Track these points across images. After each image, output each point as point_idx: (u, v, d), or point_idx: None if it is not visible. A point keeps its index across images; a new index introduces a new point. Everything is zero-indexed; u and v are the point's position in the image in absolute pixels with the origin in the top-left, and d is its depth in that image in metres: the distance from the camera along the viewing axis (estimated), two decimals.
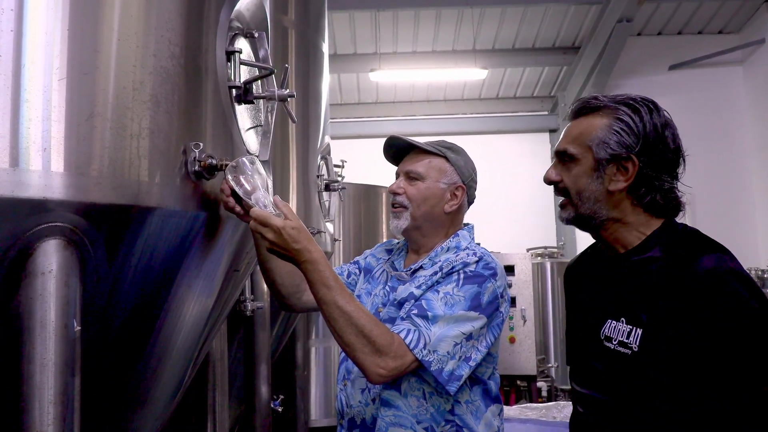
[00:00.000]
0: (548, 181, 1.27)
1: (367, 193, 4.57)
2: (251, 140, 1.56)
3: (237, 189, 1.23)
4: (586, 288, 1.33)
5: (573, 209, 1.25)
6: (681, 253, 1.15)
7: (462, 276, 1.43)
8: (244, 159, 1.22)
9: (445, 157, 1.56)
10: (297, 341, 3.72)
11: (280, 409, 3.07)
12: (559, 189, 1.26)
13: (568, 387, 5.79)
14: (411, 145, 1.58)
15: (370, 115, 9.46)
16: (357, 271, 1.68)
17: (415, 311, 1.39)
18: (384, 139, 1.60)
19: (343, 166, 3.32)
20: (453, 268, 1.45)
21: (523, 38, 8.23)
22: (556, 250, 6.90)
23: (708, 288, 1.08)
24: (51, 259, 0.98)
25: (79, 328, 1.01)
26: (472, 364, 1.40)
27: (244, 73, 1.49)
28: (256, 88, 1.53)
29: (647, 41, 8.39)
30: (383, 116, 9.37)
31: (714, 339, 1.07)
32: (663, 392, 1.11)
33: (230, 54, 1.36)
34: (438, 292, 1.42)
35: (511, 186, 8.94)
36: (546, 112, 9.69)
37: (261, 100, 1.56)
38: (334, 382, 4.01)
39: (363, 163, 4.92)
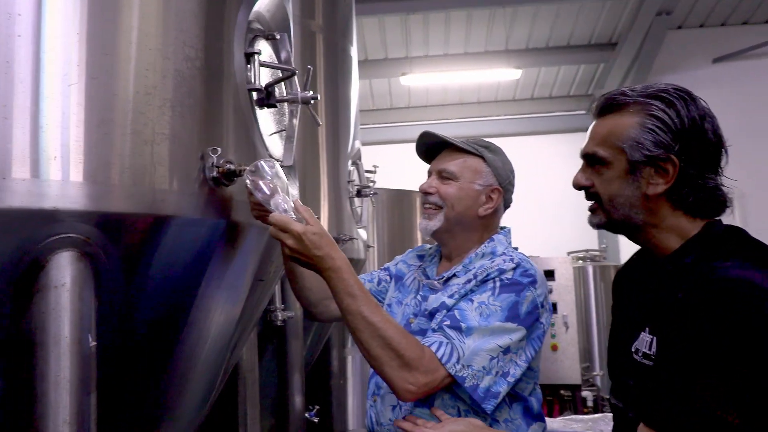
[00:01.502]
0: (578, 186, 1.17)
1: (401, 198, 4.50)
2: (275, 145, 1.51)
3: (256, 193, 1.17)
4: (627, 296, 1.23)
5: (604, 215, 1.14)
6: (706, 258, 1.04)
7: (498, 284, 1.33)
8: (262, 162, 1.17)
9: (482, 157, 1.46)
10: (332, 350, 3.67)
11: (315, 420, 3.02)
12: (589, 194, 1.16)
13: None
14: (445, 142, 1.49)
15: (402, 120, 9.41)
16: (388, 277, 1.59)
17: (447, 322, 1.31)
18: (411, 142, 1.52)
19: (375, 172, 3.26)
20: (488, 275, 1.35)
21: (558, 36, 8.04)
22: (598, 253, 6.68)
23: (712, 298, 0.96)
24: (64, 271, 0.94)
25: (94, 343, 0.97)
26: (511, 380, 1.30)
27: (267, 77, 1.44)
28: (279, 91, 1.49)
29: (689, 34, 8.08)
30: (416, 120, 9.31)
31: (709, 352, 0.95)
32: (676, 408, 0.99)
33: (249, 56, 1.31)
34: (472, 301, 1.33)
35: (549, 188, 8.73)
36: (583, 112, 9.45)
37: (285, 104, 1.52)
38: None
39: (396, 168, 4.87)
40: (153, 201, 1.03)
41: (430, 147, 1.51)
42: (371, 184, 2.96)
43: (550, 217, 8.66)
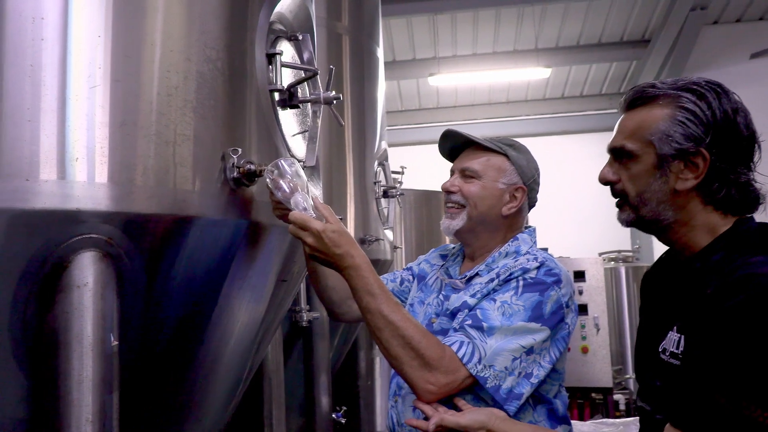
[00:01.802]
0: (604, 181, 1.14)
1: (428, 199, 4.48)
2: (298, 146, 1.51)
3: (275, 192, 1.17)
4: (655, 297, 1.19)
5: (632, 212, 1.11)
6: (735, 254, 1.00)
7: (521, 283, 1.31)
8: (282, 161, 1.17)
9: (506, 155, 1.43)
10: (359, 351, 3.67)
11: (342, 421, 3.01)
12: (616, 190, 1.13)
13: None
14: (468, 141, 1.46)
15: (431, 120, 9.38)
16: (410, 277, 1.58)
17: (469, 322, 1.28)
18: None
19: (402, 173, 3.25)
20: (511, 274, 1.32)
21: (589, 34, 7.90)
22: (630, 254, 6.53)
23: (741, 294, 0.92)
24: (86, 272, 0.95)
25: (116, 342, 0.98)
26: (534, 381, 1.27)
27: (289, 78, 1.44)
28: (302, 92, 1.48)
29: (725, 29, 7.84)
30: (444, 121, 9.26)
31: (738, 349, 0.91)
32: (704, 407, 0.94)
33: (271, 57, 1.32)
34: (494, 300, 1.30)
35: (581, 188, 8.58)
36: (615, 110, 9.23)
37: (308, 105, 1.52)
38: None
39: (425, 169, 4.85)
40: (174, 201, 1.04)
41: (454, 146, 1.49)
42: (398, 185, 2.94)
43: (581, 218, 8.51)
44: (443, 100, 9.39)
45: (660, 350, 1.08)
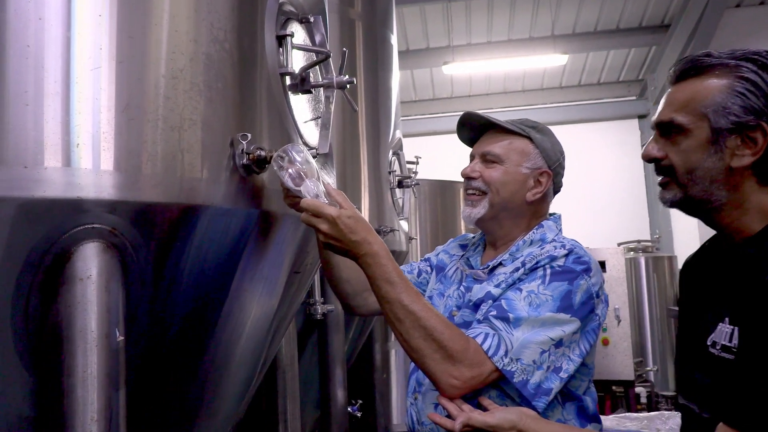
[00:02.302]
0: (648, 158, 1.06)
1: (443, 189, 4.42)
2: (310, 133, 1.45)
3: (285, 180, 1.12)
4: (700, 287, 1.11)
5: (680, 191, 1.03)
6: None
7: (549, 272, 1.23)
8: (289, 147, 1.11)
9: (529, 138, 1.35)
10: (375, 344, 3.63)
11: (358, 414, 2.98)
12: (662, 167, 1.05)
13: (671, 393, 5.30)
14: (489, 123, 1.38)
15: (445, 110, 9.28)
16: (428, 269, 1.50)
17: (493, 312, 1.21)
18: (455, 133, 1.42)
19: (417, 163, 3.20)
20: (538, 262, 1.25)
21: (606, 19, 7.73)
22: (650, 243, 6.41)
23: None
24: (90, 263, 0.91)
25: (122, 338, 0.93)
26: (563, 375, 1.19)
27: (301, 62, 1.39)
28: (314, 77, 1.43)
29: (748, 13, 7.61)
30: (459, 111, 9.13)
31: None
32: (762, 409, 0.87)
33: (281, 39, 1.26)
34: (520, 290, 1.22)
35: (598, 177, 8.46)
36: (634, 97, 9.09)
37: (320, 90, 1.46)
38: None
39: (441, 159, 4.78)
40: (181, 190, 0.99)
41: (474, 129, 1.41)
42: (413, 175, 2.88)
43: (598, 207, 8.38)
44: (457, 89, 9.27)
45: (708, 344, 1.00)
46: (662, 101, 1.07)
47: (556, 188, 1.40)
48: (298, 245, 1.42)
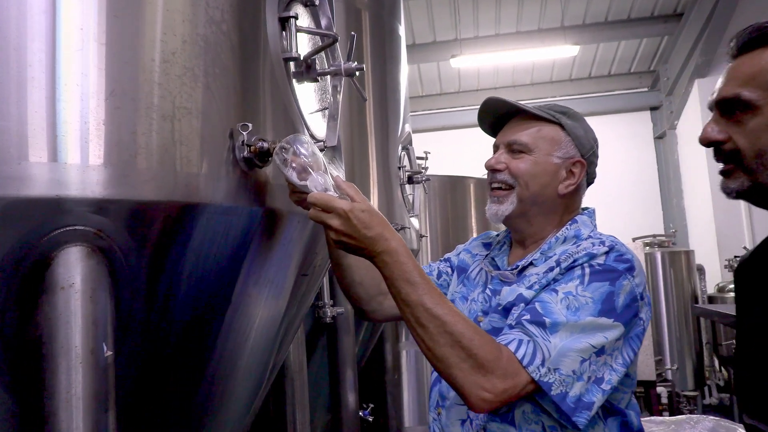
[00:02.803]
0: (707, 141, 0.93)
1: (453, 185, 4.30)
2: (317, 125, 1.35)
3: (288, 173, 1.00)
4: (762, 291, 0.99)
5: (748, 178, 0.90)
6: None
7: (588, 271, 1.10)
8: (293, 138, 1.00)
9: (560, 124, 1.23)
10: (385, 344, 3.53)
11: (370, 419, 2.89)
12: (724, 152, 0.93)
13: (691, 392, 5.13)
14: (515, 109, 1.26)
15: (452, 105, 9.16)
16: (449, 270, 1.37)
17: (527, 317, 1.08)
18: (466, 128, 1.32)
19: (426, 158, 3.09)
20: (575, 261, 1.12)
21: (617, 9, 7.57)
22: (665, 238, 6.26)
23: None
24: (73, 270, 0.81)
25: (110, 353, 0.83)
26: (606, 387, 1.06)
27: (306, 48, 1.29)
28: (321, 65, 1.33)
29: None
30: (466, 105, 9.03)
31: None
32: None
33: (284, 21, 1.15)
34: (556, 292, 1.09)
35: (610, 171, 8.30)
36: (645, 89, 8.94)
37: (328, 80, 1.37)
38: (426, 387, 3.79)
39: (448, 156, 4.67)
40: (176, 186, 0.89)
41: (496, 117, 1.29)
42: (423, 170, 2.78)
43: (609, 201, 8.23)
44: (465, 83, 9.14)
45: None
46: (722, 77, 0.95)
47: (590, 179, 1.27)
48: (306, 245, 1.32)
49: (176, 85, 0.89)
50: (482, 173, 1.42)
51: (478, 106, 1.34)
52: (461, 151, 8.09)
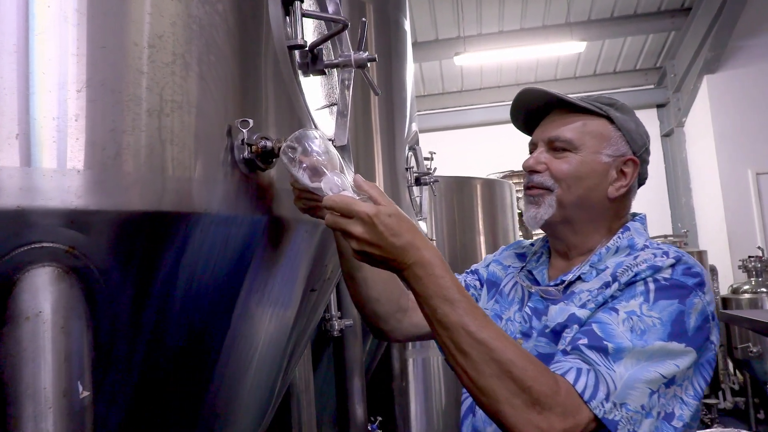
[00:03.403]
0: None
1: (460, 186, 4.17)
2: (325, 123, 1.22)
3: (298, 175, 0.85)
4: None
5: None
6: None
7: (653, 287, 0.94)
8: (303, 134, 0.85)
9: (608, 118, 1.07)
10: (392, 350, 3.41)
11: None
12: None
13: (712, 400, 5.00)
14: (556, 100, 1.09)
15: (455, 104, 9.02)
16: (477, 283, 1.21)
17: (584, 341, 0.91)
18: (469, 128, 1.15)
19: (432, 158, 2.97)
20: (636, 275, 0.96)
21: (623, 4, 7.42)
22: (677, 239, 6.11)
23: None
24: (40, 296, 0.68)
25: (87, 393, 0.70)
26: (678, 425, 0.91)
27: (312, 37, 1.16)
28: (327, 55, 1.20)
29: None
30: (469, 104, 8.89)
31: None
32: None
33: (288, 5, 1.02)
34: (617, 311, 0.93)
35: None
36: (652, 86, 8.79)
37: (335, 73, 1.24)
38: (434, 397, 3.66)
39: (451, 156, 4.53)
40: (164, 193, 0.76)
41: (529, 111, 1.13)
42: (431, 171, 2.65)
43: None
44: (468, 82, 9.00)
45: None
46: None
47: (641, 180, 1.12)
48: (315, 257, 1.19)
49: (164, 75, 0.76)
50: (486, 174, 1.27)
51: (482, 105, 1.17)
52: (465, 152, 7.95)
